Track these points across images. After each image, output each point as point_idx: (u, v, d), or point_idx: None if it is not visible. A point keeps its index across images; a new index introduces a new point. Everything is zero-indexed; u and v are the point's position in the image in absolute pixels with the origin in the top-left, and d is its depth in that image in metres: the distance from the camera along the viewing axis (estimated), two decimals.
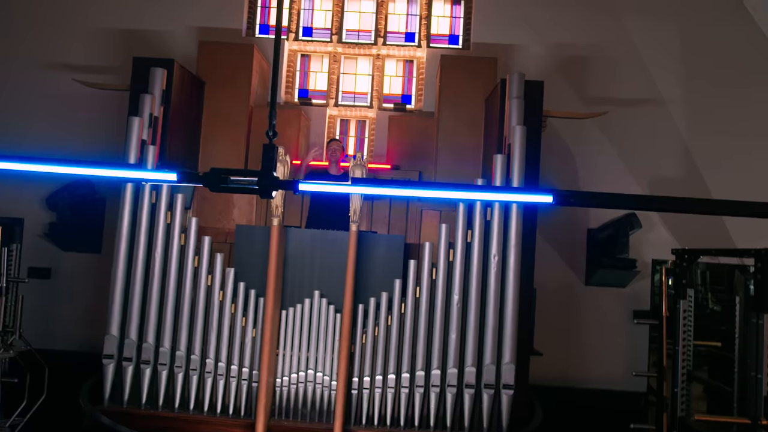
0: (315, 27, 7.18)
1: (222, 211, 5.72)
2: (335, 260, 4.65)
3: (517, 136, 4.57)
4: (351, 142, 7.00)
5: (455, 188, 2.21)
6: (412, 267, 4.50)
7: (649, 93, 6.78)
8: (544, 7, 6.77)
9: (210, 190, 2.35)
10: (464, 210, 4.51)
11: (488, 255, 4.49)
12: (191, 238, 4.54)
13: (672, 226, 6.65)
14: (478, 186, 3.00)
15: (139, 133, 4.63)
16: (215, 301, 4.50)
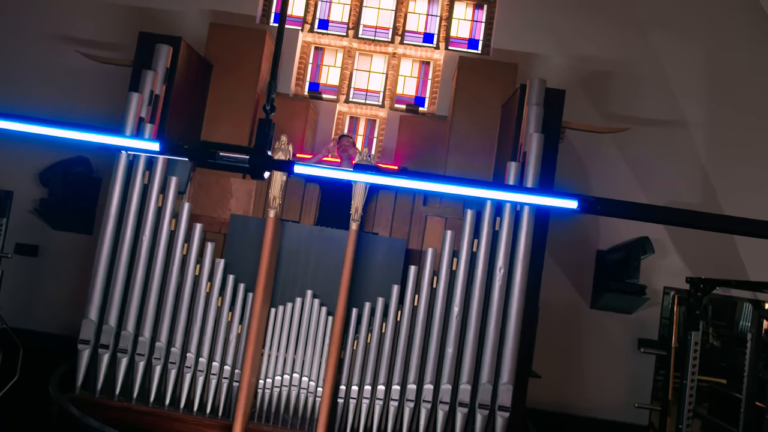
0: (332, 20, 6.97)
1: (218, 201, 5.48)
2: (332, 259, 4.41)
3: (533, 143, 4.33)
4: (359, 141, 6.76)
5: (470, 184, 1.97)
6: (412, 273, 4.25)
7: (670, 114, 6.53)
8: (569, 18, 6.54)
9: (196, 164, 2.13)
10: (472, 218, 4.27)
11: (494, 267, 4.24)
12: (182, 224, 4.31)
13: (685, 253, 6.39)
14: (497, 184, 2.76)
15: (137, 110, 4.41)
16: (202, 293, 4.26)
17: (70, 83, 6.36)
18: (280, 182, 4.16)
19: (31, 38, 6.55)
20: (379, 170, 2.25)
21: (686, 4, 6.53)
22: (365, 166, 2.47)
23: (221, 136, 5.58)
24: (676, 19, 6.53)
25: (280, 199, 4.18)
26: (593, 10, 6.53)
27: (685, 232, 6.42)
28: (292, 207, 5.45)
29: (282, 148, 4.18)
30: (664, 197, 6.47)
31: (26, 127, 2.09)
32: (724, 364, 7.20)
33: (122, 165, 4.35)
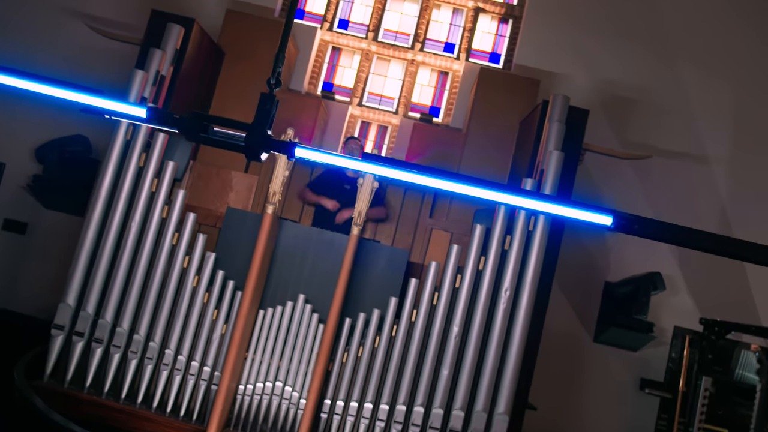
0: (352, 21, 6.78)
1: (217, 193, 5.25)
2: (329, 264, 4.16)
3: (552, 161, 4.10)
4: (369, 146, 6.54)
5: (493, 187, 1.73)
6: (412, 286, 3.99)
7: (692, 148, 6.30)
8: (597, 40, 6.34)
9: (186, 138, 1.89)
10: (481, 234, 4.02)
11: (499, 288, 3.98)
12: (175, 212, 4.07)
13: (697, 293, 6.12)
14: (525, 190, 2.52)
15: (141, 89, 4.20)
16: (188, 287, 4.01)
17: (78, 58, 6.16)
18: (282, 177, 3.93)
19: (42, 9, 6.37)
20: (389, 161, 2.02)
21: (717, 41, 6.33)
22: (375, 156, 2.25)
23: None
24: (705, 54, 6.33)
25: (280, 195, 3.94)
26: (622, 36, 6.34)
27: (698, 270, 6.17)
28: (293, 207, 5.23)
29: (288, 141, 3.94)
30: None
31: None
32: (720, 412, 6.88)
33: (118, 144, 4.13)
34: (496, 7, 6.66)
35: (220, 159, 5.34)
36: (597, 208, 1.71)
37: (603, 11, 6.38)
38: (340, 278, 3.92)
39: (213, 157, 5.32)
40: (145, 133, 4.13)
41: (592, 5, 6.38)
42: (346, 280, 3.91)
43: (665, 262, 6.14)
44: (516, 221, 4.03)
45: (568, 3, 6.41)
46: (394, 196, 5.30)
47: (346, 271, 3.91)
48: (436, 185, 1.83)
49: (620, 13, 6.38)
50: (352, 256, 3.91)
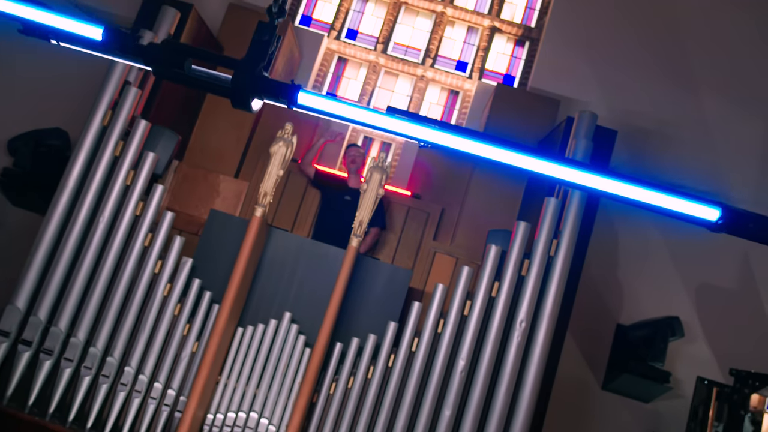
0: (361, 31, 6.44)
1: (202, 198, 4.78)
2: (321, 280, 3.66)
3: None
4: (369, 162, 6.11)
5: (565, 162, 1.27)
6: (414, 311, 3.50)
7: (714, 186, 5.91)
8: (617, 68, 6.01)
9: (154, 75, 1.42)
10: (496, 256, 3.55)
11: (514, 319, 3.49)
12: (150, 210, 3.58)
13: (715, 341, 5.64)
14: (601, 167, 2.06)
15: (125, 71, 3.76)
16: (157, 295, 3.49)
17: None
18: (276, 176, 3.46)
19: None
20: (414, 116, 1.58)
21: (745, 75, 6.03)
22: (400, 111, 1.82)
23: (218, 127, 4.93)
24: (731, 89, 6.01)
25: (272, 197, 3.47)
26: (643, 65, 6.02)
27: (719, 318, 5.72)
28: (286, 214, 4.76)
29: (285, 137, 3.51)
30: (698, 277, 5.78)
31: None
32: None
33: (93, 129, 3.66)
34: (513, 28, 6.36)
35: (209, 161, 4.89)
36: (702, 199, 1.26)
37: (624, 39, 6.08)
38: (333, 297, 3.42)
39: (201, 159, 4.87)
40: (124, 119, 3.67)
41: (613, 32, 6.09)
42: (340, 299, 3.41)
43: (681, 306, 5.69)
44: (536, 244, 3.57)
45: (588, 28, 6.11)
46: (398, 213, 4.84)
47: (341, 289, 3.41)
48: (473, 149, 1.37)
49: (642, 41, 6.08)
50: (348, 272, 3.42)
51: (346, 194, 4.60)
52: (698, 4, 6.15)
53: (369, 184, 3.48)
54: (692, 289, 5.75)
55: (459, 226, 4.86)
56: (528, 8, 6.47)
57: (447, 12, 6.38)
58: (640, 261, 5.76)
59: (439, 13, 6.40)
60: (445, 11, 6.37)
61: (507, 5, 6.47)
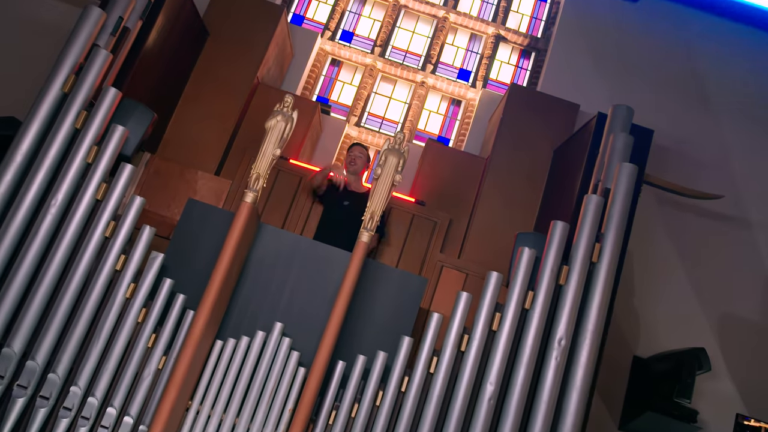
0: (357, 34, 6.00)
1: (176, 196, 4.14)
2: (319, 286, 3.06)
3: (623, 175, 3.17)
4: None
5: None
6: (433, 324, 2.90)
7: (731, 209, 5.54)
8: (627, 81, 5.68)
9: None
10: (530, 261, 3.00)
11: (551, 336, 2.92)
12: (115, 193, 2.94)
13: (739, 376, 5.15)
14: None
15: (94, 32, 3.17)
16: (118, 297, 2.82)
17: None
18: (271, 157, 2.88)
19: None
20: None
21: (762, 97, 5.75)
22: None
23: (200, 115, 4.35)
24: (750, 109, 5.71)
25: (265, 180, 2.87)
26: (657, 82, 5.71)
27: (742, 349, 5.24)
28: (272, 219, 4.15)
29: (284, 111, 2.94)
30: (721, 306, 5.32)
31: None
32: None
33: (51, 96, 3.03)
34: (518, 38, 6.00)
35: (186, 155, 4.29)
36: None
37: (636, 52, 5.77)
38: (336, 304, 2.80)
39: (177, 151, 4.26)
40: (90, 86, 3.06)
41: (626, 44, 5.78)
42: (345, 307, 2.79)
43: (702, 337, 5.21)
44: (575, 248, 3.04)
45: (598, 40, 5.79)
46: (401, 221, 4.28)
47: (347, 295, 2.80)
48: None
49: (656, 57, 5.78)
50: (357, 274, 2.81)
51: (345, 199, 4.03)
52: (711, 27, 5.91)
53: (383, 169, 2.92)
54: (714, 316, 5.28)
55: (469, 238, 4.32)
56: (534, 18, 6.14)
57: (449, 18, 6.00)
58: (657, 287, 5.29)
59: (441, 18, 6.02)
60: (447, 17, 5.99)
61: (512, 14, 6.13)
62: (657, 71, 5.72)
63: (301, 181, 4.34)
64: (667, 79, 5.71)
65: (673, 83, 5.72)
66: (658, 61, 5.75)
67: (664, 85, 5.68)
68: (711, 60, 5.79)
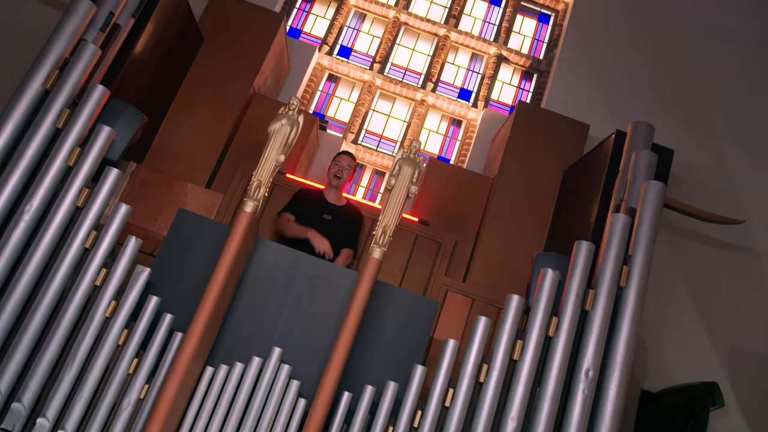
0: (355, 49, 5.82)
1: (164, 209, 3.84)
2: (322, 308, 2.78)
3: (650, 193, 2.97)
4: (360, 192, 5.32)
5: None
6: (449, 351, 2.63)
7: (737, 239, 5.37)
8: (629, 104, 5.54)
9: None
10: (553, 284, 2.76)
11: (578, 366, 2.66)
12: (98, 200, 2.64)
13: (750, 410, 4.91)
14: None
15: (81, 25, 2.91)
16: (97, 316, 2.50)
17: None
18: (275, 162, 2.62)
19: None
20: None
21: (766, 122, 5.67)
22: None
23: (192, 124, 4.09)
24: (754, 137, 5.61)
25: (267, 189, 2.61)
26: (662, 107, 5.58)
27: (752, 383, 5.03)
28: (269, 227, 3.87)
29: (289, 114, 2.69)
30: (729, 339, 5.11)
31: None
32: None
33: (31, 91, 2.75)
34: (520, 59, 5.87)
35: (175, 166, 4.01)
36: None
37: (641, 76, 5.67)
38: (343, 329, 2.52)
39: (165, 162, 3.98)
40: (74, 83, 2.79)
41: (631, 67, 5.67)
42: (353, 333, 2.51)
43: (710, 370, 4.98)
44: (602, 271, 2.80)
45: (603, 63, 5.68)
46: (404, 241, 4.03)
47: (355, 320, 2.51)
48: None
49: (662, 82, 5.67)
50: (366, 296, 2.54)
51: (325, 212, 3.76)
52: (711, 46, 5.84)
53: (397, 180, 2.67)
54: (723, 350, 5.06)
55: (475, 260, 4.07)
56: (536, 40, 6.03)
57: (450, 36, 5.86)
58: (665, 317, 5.07)
59: (441, 37, 5.87)
60: (448, 35, 5.85)
61: (514, 35, 6.01)
62: (662, 95, 5.61)
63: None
64: (673, 102, 5.59)
65: (679, 107, 5.60)
66: (668, 88, 5.64)
67: (669, 108, 5.56)
68: (716, 81, 5.70)
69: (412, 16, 5.86)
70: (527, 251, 4.11)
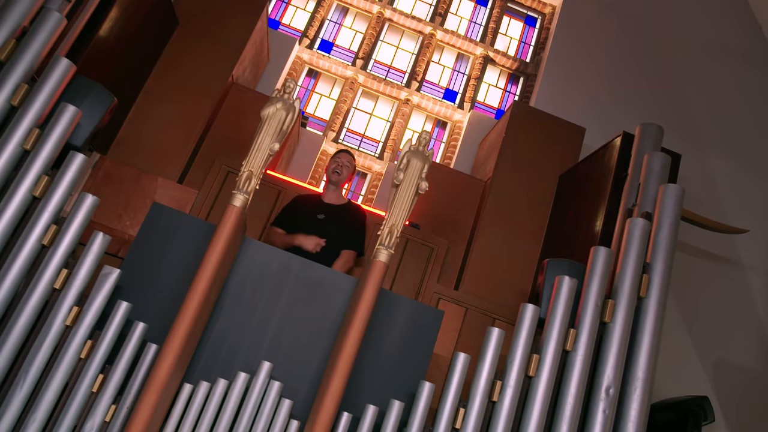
0: (337, 44, 5.54)
1: (130, 204, 3.47)
2: (315, 317, 2.48)
3: (669, 197, 2.78)
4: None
5: None
6: (459, 365, 2.36)
7: (723, 249, 5.32)
8: (620, 107, 5.44)
9: None
10: (571, 292, 2.53)
11: (597, 383, 2.44)
12: (59, 190, 2.28)
13: (736, 424, 4.82)
14: None
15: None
16: (55, 324, 2.14)
17: None
18: (268, 151, 2.31)
19: None
20: None
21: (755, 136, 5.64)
22: None
23: (164, 113, 3.73)
24: (740, 148, 5.58)
25: (258, 181, 2.29)
26: (647, 109, 5.50)
27: (738, 398, 4.94)
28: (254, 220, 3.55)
29: (284, 97, 2.39)
30: (716, 351, 5.03)
31: None
32: None
33: None
34: (507, 61, 5.70)
35: (143, 158, 3.64)
36: None
37: (629, 81, 5.57)
38: (344, 342, 2.22)
39: (132, 154, 3.61)
40: (34, 55, 2.42)
41: (619, 72, 5.57)
42: (356, 346, 2.21)
43: (697, 383, 4.88)
44: (621, 279, 2.59)
45: (590, 68, 5.56)
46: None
47: (358, 332, 2.22)
48: None
49: (648, 88, 5.59)
50: (370, 305, 2.25)
51: (318, 212, 3.46)
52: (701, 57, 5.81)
53: (405, 175, 2.40)
54: (709, 363, 4.97)
55: (468, 267, 3.83)
56: (523, 42, 5.87)
57: (436, 35, 5.64)
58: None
59: (427, 35, 5.65)
60: (434, 33, 5.63)
61: (500, 37, 5.85)
62: (648, 102, 5.53)
63: (279, 195, 3.75)
64: (661, 109, 5.51)
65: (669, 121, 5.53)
66: (652, 97, 5.56)
67: (657, 114, 5.48)
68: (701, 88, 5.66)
69: (397, 12, 5.62)
70: (521, 257, 3.90)
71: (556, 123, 4.29)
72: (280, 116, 2.36)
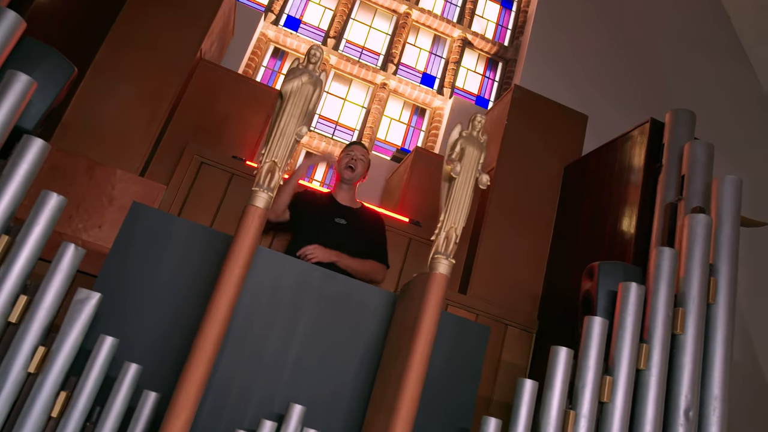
0: (305, 21, 5.00)
1: (82, 203, 2.83)
2: (347, 341, 2.01)
3: (727, 190, 2.52)
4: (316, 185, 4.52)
5: None
6: (527, 396, 1.96)
7: None
8: (603, 94, 5.23)
9: None
10: (638, 303, 2.19)
11: (674, 405, 2.12)
12: (12, 187, 1.69)
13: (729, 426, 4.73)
14: None
15: None
16: (13, 371, 1.56)
17: None
18: (294, 137, 1.81)
19: None
20: None
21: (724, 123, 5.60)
22: None
23: (120, 96, 3.10)
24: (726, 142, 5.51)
25: (282, 174, 1.79)
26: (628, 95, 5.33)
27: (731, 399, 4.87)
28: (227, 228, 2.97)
29: (309, 69, 1.90)
30: None
31: None
32: None
33: None
34: (486, 44, 5.36)
35: (97, 146, 3.01)
36: None
37: (610, 67, 5.38)
38: (405, 379, 1.77)
39: (82, 141, 2.97)
40: None
41: (600, 58, 5.37)
42: (419, 383, 1.76)
43: None
44: (687, 284, 2.29)
45: (572, 54, 5.32)
46: (397, 246, 3.31)
47: (421, 363, 1.77)
48: None
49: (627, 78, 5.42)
50: (433, 326, 1.80)
51: (338, 216, 2.97)
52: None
53: (463, 166, 1.97)
54: None
55: (476, 269, 3.46)
56: (500, 26, 5.55)
57: (411, 14, 5.22)
58: None
59: (402, 14, 5.22)
60: (409, 12, 5.20)
61: (477, 19, 5.50)
62: (632, 88, 5.36)
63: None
64: (645, 95, 5.35)
65: (652, 100, 5.38)
66: (635, 76, 5.40)
67: (638, 100, 5.32)
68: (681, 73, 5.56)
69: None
70: (530, 257, 3.57)
71: (558, 110, 3.98)
72: (306, 92, 1.87)
